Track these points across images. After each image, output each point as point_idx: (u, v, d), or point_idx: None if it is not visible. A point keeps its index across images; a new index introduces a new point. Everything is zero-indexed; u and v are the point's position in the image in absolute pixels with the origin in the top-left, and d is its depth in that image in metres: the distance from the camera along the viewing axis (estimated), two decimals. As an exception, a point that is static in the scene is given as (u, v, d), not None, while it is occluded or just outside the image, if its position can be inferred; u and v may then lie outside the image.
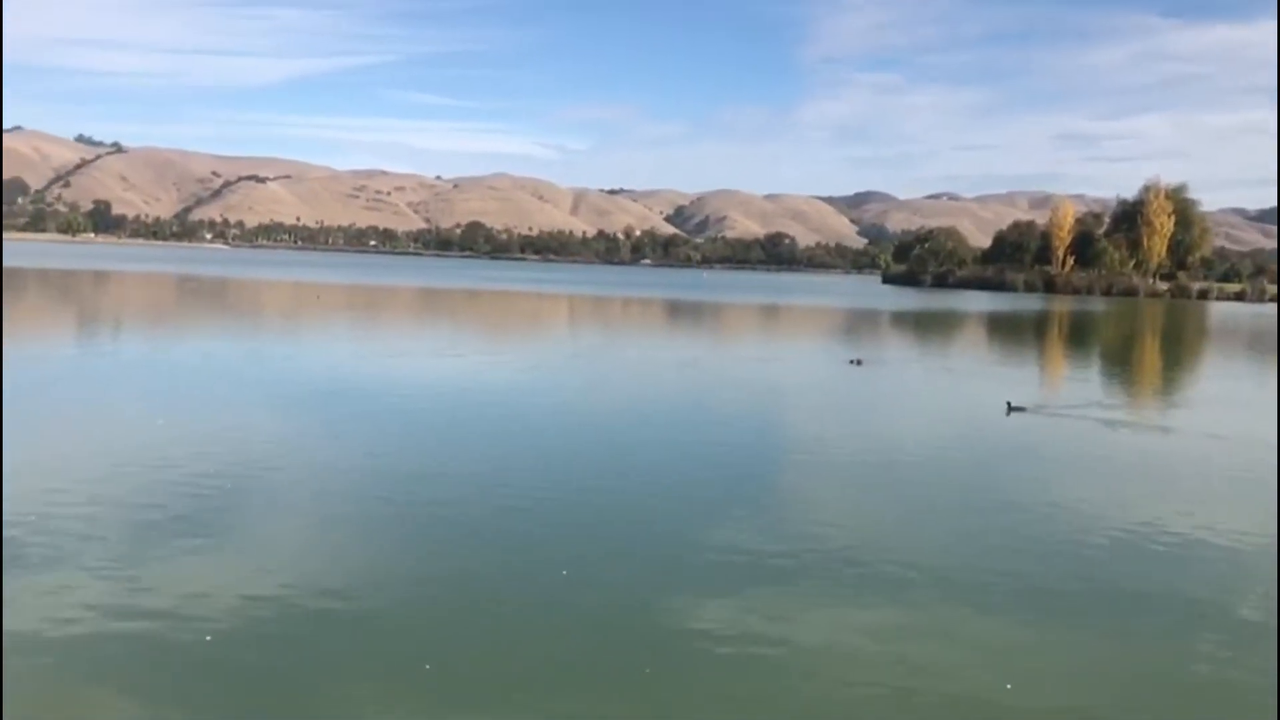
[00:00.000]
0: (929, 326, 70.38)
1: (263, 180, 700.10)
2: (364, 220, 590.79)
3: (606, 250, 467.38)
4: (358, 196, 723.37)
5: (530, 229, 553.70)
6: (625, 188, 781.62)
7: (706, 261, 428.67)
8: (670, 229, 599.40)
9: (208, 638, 9.33)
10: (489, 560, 11.56)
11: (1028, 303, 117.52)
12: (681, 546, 12.32)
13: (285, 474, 15.18)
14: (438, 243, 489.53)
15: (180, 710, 8.10)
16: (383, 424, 19.09)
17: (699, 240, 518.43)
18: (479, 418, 20.31)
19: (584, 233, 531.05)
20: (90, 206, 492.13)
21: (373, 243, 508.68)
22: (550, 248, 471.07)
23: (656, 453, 17.69)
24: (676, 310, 79.04)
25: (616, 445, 18.32)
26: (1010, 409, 24.65)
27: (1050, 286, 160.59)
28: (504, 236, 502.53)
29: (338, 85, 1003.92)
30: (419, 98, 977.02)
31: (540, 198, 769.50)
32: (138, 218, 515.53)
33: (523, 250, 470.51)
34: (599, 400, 23.75)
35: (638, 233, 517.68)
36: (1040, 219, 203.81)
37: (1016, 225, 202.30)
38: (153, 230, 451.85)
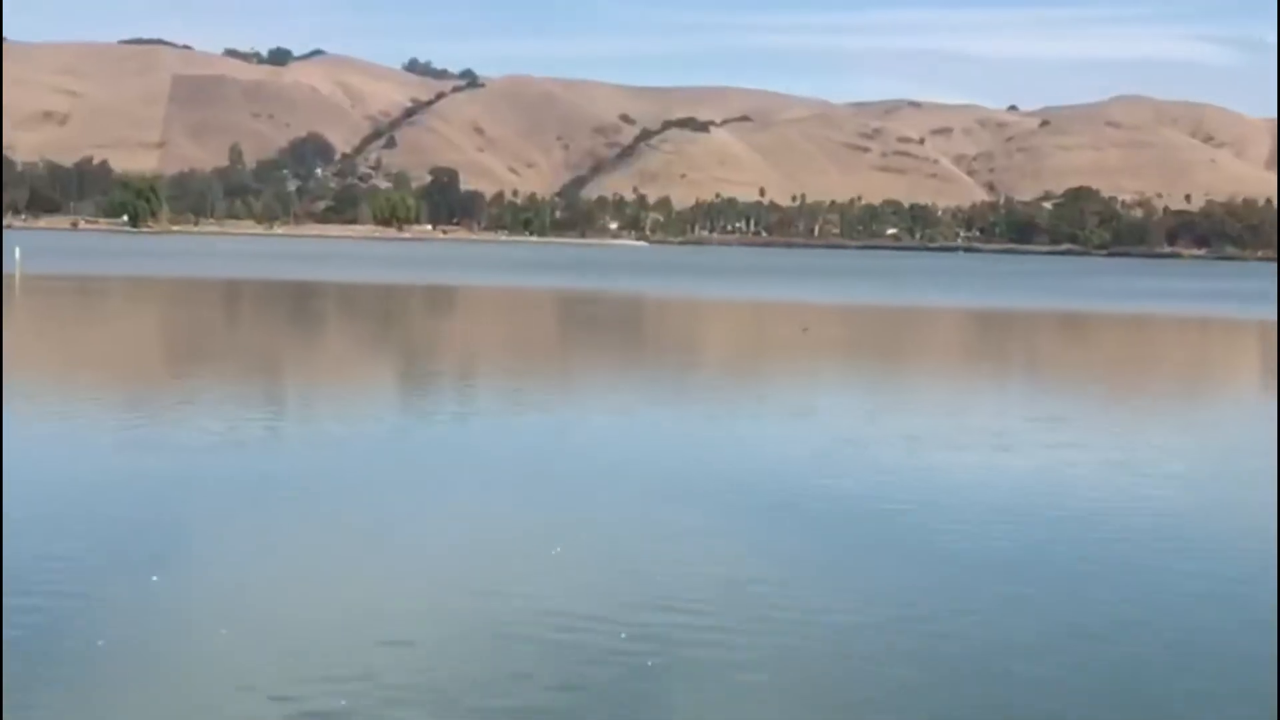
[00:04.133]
0: None
1: (703, 126, 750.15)
2: (877, 189, 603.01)
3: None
4: (866, 149, 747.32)
5: (1190, 197, 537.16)
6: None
7: None
8: None
9: None
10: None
11: None
12: None
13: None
14: (1009, 227, 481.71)
15: None
16: (918, 566, 21.86)
17: None
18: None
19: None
20: (425, 179, 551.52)
21: (892, 231, 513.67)
22: (1233, 235, 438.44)
23: None
24: None
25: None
26: None
27: None
28: (1139, 214, 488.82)
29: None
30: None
31: (1208, 139, 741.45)
32: (500, 196, 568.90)
33: (1175, 239, 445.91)
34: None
35: None
36: None
37: None
38: (524, 217, 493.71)
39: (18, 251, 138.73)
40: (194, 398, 39.55)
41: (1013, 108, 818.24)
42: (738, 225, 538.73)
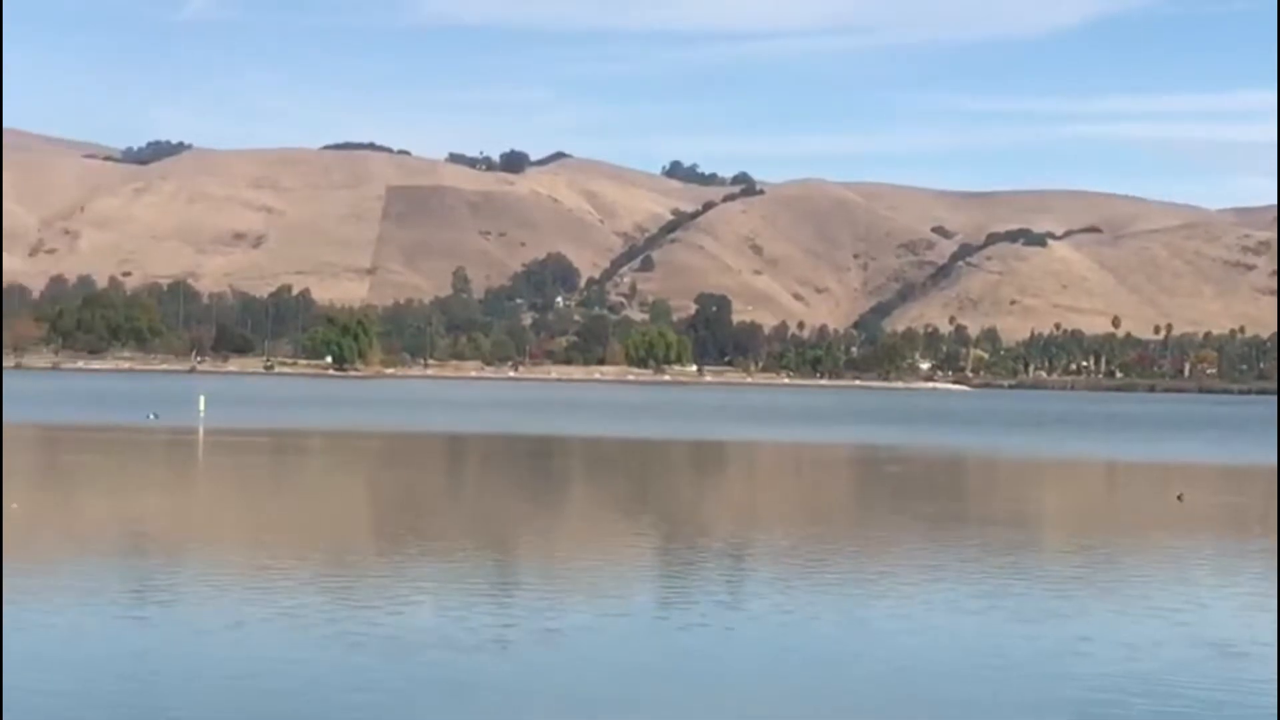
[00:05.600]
0: None
1: (1039, 240, 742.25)
2: (1265, 319, 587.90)
3: None
4: (1251, 266, 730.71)
5: None
6: None
7: None
8: None
9: None
10: None
11: None
12: None
13: None
14: None
15: None
16: None
17: None
18: None
19: None
20: (689, 309, 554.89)
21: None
22: None
23: None
24: None
25: None
26: None
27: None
28: None
29: (1198, 17, 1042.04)
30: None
31: None
32: (782, 329, 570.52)
33: None
34: None
35: None
36: None
37: None
38: (813, 355, 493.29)
39: (202, 400, 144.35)
40: (408, 580, 40.36)
41: None
42: (1084, 364, 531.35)
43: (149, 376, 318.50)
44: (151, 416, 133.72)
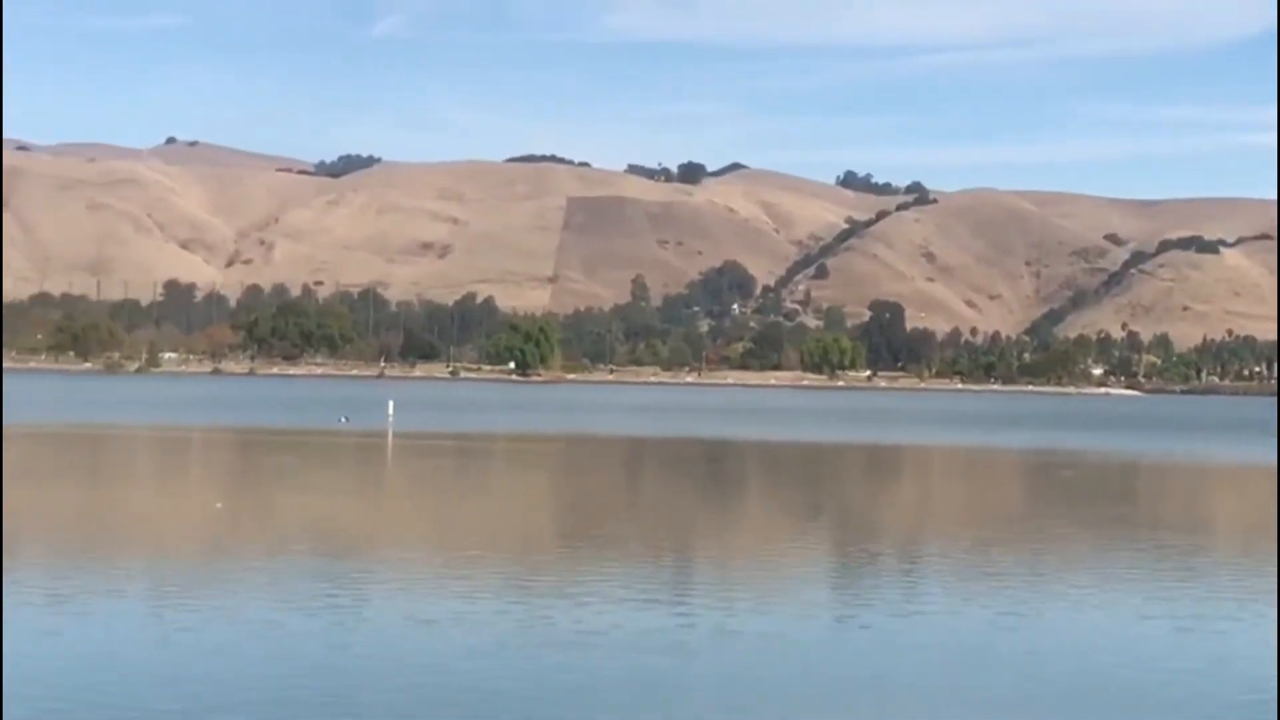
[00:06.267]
0: None
1: (1212, 247, 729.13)
2: None
3: None
4: None
5: None
6: None
7: None
8: None
9: None
10: None
11: None
12: None
13: None
14: None
15: None
16: None
17: None
18: None
19: None
20: (863, 316, 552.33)
21: None
22: None
23: None
24: None
25: None
26: None
27: None
28: None
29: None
30: None
31: None
32: (954, 335, 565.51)
33: None
34: None
35: None
36: None
37: None
38: (986, 360, 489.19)
39: (390, 406, 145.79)
40: (588, 579, 40.66)
41: None
42: (1257, 370, 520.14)
43: (340, 382, 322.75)
44: (343, 420, 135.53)
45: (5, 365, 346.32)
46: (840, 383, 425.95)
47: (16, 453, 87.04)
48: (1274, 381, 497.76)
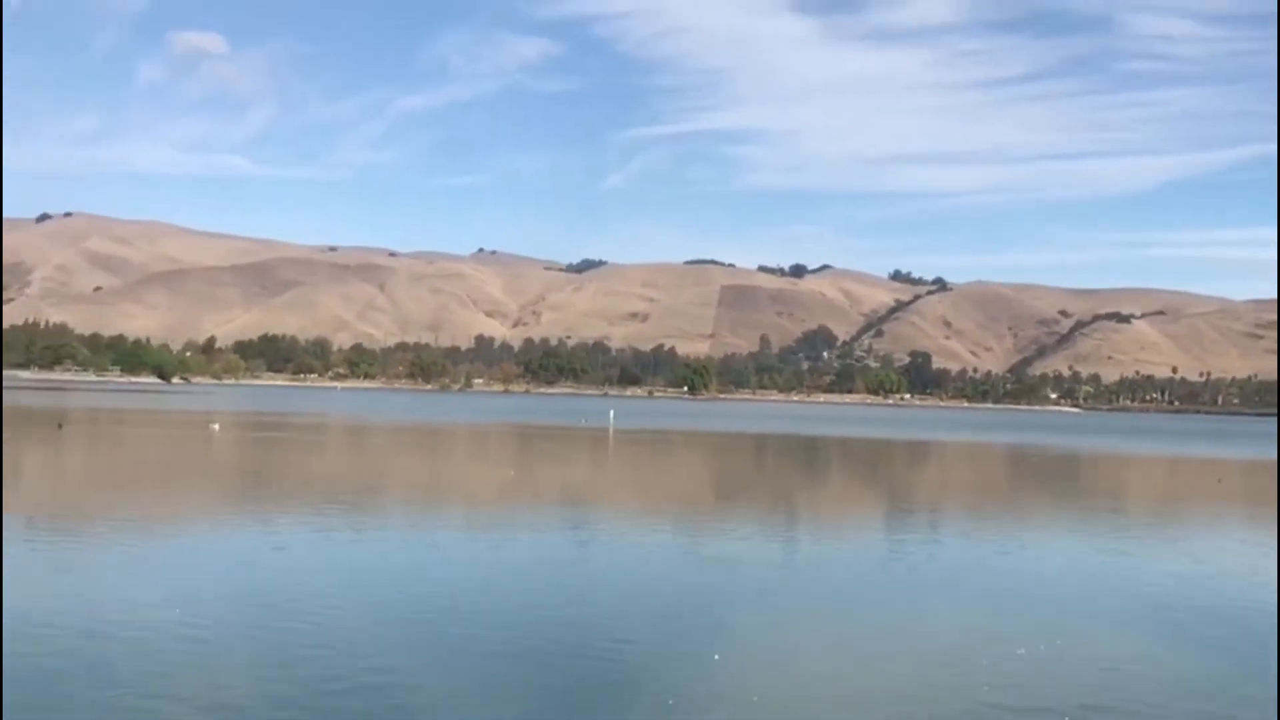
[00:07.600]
0: None
1: (1126, 319, 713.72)
2: (1271, 369, 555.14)
3: None
4: (1260, 337, 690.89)
5: None
6: None
7: None
8: None
9: None
10: None
11: None
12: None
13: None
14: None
15: None
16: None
17: None
18: None
19: None
20: (905, 360, 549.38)
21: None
22: None
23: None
24: None
25: None
26: None
27: None
28: None
29: (1228, 184, 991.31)
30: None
31: None
32: (962, 373, 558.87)
33: None
34: None
35: None
36: None
37: None
38: (981, 389, 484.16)
39: (612, 414, 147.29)
40: (730, 522, 40.56)
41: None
42: (1154, 396, 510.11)
43: (580, 398, 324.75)
44: (582, 421, 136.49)
45: (383, 387, 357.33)
46: (890, 402, 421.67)
47: (399, 440, 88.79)
48: (1168, 404, 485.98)
